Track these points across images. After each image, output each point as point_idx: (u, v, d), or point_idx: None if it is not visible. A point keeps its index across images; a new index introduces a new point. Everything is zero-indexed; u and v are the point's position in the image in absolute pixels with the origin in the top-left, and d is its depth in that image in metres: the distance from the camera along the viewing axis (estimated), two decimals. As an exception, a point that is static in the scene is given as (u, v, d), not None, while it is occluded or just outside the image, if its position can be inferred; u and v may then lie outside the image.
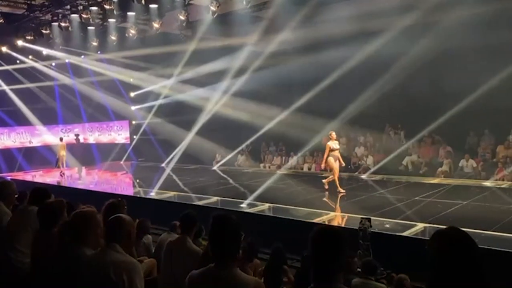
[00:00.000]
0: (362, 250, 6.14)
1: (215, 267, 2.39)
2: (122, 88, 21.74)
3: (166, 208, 10.51)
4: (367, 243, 6.16)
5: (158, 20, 14.72)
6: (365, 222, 6.42)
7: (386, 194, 11.22)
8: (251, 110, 16.67)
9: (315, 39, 14.73)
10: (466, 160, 13.12)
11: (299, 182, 13.55)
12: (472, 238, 1.81)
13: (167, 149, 19.71)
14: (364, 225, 6.21)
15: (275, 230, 8.22)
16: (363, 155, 15.46)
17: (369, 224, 6.46)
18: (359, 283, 4.47)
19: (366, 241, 6.20)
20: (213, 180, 14.88)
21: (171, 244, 4.30)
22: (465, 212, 8.73)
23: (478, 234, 6.92)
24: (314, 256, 2.01)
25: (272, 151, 18.23)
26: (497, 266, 5.48)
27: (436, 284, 1.71)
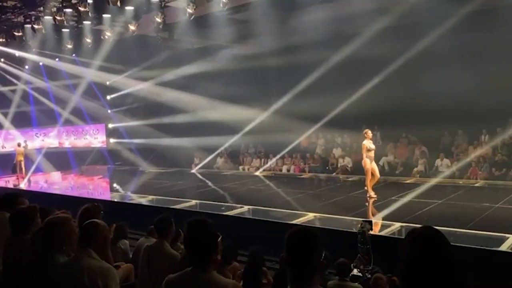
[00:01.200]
0: (361, 253, 6.09)
1: (192, 271, 2.37)
2: (98, 91, 21.42)
3: (144, 212, 10.38)
4: (367, 247, 6.10)
5: (134, 22, 14.57)
6: (365, 225, 6.33)
7: (364, 195, 11.34)
8: (230, 112, 16.66)
9: (293, 41, 14.83)
10: (441, 160, 13.40)
11: (278, 184, 13.60)
12: (445, 237, 1.83)
13: (144, 152, 19.51)
14: (363, 228, 6.17)
15: (255, 232, 8.21)
16: (341, 156, 15.61)
17: (369, 227, 6.35)
18: (334, 285, 4.50)
19: (366, 244, 6.13)
20: (192, 183, 14.79)
21: (149, 248, 4.26)
22: (440, 211, 8.90)
23: (453, 232, 7.07)
24: (289, 258, 2.01)
25: (251, 153, 18.24)
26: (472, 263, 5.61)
27: (411, 283, 1.73)
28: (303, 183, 14.36)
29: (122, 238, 6.00)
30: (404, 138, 15.00)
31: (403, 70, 13.65)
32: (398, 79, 14.06)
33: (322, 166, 15.90)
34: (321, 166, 15.91)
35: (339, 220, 8.51)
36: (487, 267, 5.88)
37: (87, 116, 22.03)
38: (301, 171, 16.07)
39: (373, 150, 10.40)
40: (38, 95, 21.90)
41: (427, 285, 1.70)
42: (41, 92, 21.82)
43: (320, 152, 16.48)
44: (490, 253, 6.24)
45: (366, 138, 10.51)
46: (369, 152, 10.30)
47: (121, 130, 21.25)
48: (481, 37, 12.44)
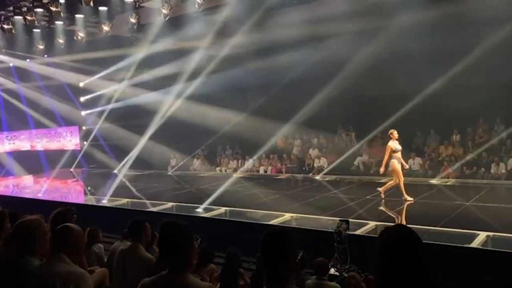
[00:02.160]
0: (338, 253, 6.13)
1: (168, 274, 2.35)
2: (71, 92, 21.00)
3: (119, 215, 10.20)
4: (344, 246, 6.15)
5: (107, 23, 14.36)
6: (342, 224, 6.38)
7: (339, 194, 11.50)
8: (206, 113, 16.59)
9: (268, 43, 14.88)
10: (413, 159, 13.66)
11: (256, 185, 13.61)
12: (417, 235, 1.86)
13: (119, 155, 19.21)
14: (339, 228, 6.22)
15: (232, 234, 8.20)
16: (317, 157, 15.76)
17: (346, 226, 6.40)
18: (312, 284, 4.54)
19: (343, 244, 6.18)
20: (168, 186, 14.67)
21: (123, 252, 4.20)
22: (413, 209, 9.08)
23: (426, 230, 7.23)
24: (264, 259, 2.02)
25: (228, 155, 18.21)
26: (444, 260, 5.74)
27: (384, 280, 1.76)
28: (280, 183, 14.43)
29: (95, 242, 5.90)
30: (378, 138, 15.23)
31: (377, 72, 13.87)
32: (372, 80, 14.28)
33: (298, 166, 16.02)
34: (298, 166, 16.03)
35: (316, 219, 8.59)
36: (459, 263, 6.02)
37: (60, 118, 21.56)
38: (278, 171, 16.14)
39: (399, 151, 9.76)
40: (9, 97, 21.32)
41: (400, 283, 1.73)
42: (12, 94, 21.25)
43: (296, 153, 16.59)
44: (461, 250, 6.40)
45: (391, 139, 9.84)
46: (395, 154, 9.69)
47: (96, 132, 20.88)
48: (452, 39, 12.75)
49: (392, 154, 9.67)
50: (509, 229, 7.06)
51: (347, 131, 16.17)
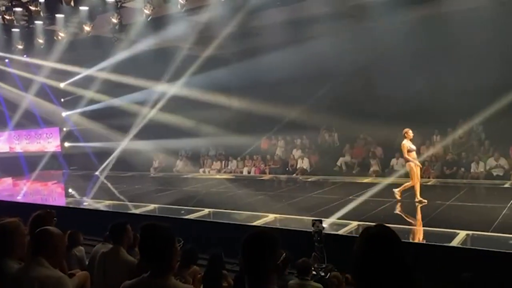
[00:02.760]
0: (317, 252, 6.19)
1: (149, 277, 2.33)
2: (52, 93, 20.67)
3: (101, 218, 10.10)
4: (321, 245, 6.21)
5: (89, 23, 14.17)
6: (318, 224, 6.45)
7: (322, 195, 11.57)
8: (189, 114, 16.53)
9: (252, 44, 14.92)
10: (396, 159, 13.83)
11: (239, 186, 13.60)
12: (397, 234, 1.88)
13: (101, 156, 19.00)
14: (318, 227, 6.27)
15: (216, 235, 8.18)
16: (300, 157, 15.82)
17: (321, 225, 6.48)
18: (295, 285, 4.56)
19: (321, 242, 6.25)
20: (151, 187, 14.55)
21: (104, 255, 4.15)
22: (395, 209, 9.19)
23: (408, 229, 7.33)
24: (245, 260, 2.02)
25: (212, 156, 18.16)
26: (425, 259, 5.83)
27: (363, 280, 1.78)
28: (263, 184, 14.46)
29: (76, 245, 5.81)
30: (360, 139, 15.38)
31: (360, 73, 14.03)
32: (355, 82, 14.43)
33: (282, 167, 16.06)
34: (281, 167, 16.07)
35: (299, 220, 8.62)
36: (439, 262, 6.12)
37: (40, 119, 21.20)
38: (261, 173, 16.16)
39: (414, 151, 9.49)
40: (-14, 98, 20.90)
41: (378, 283, 1.74)
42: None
43: (280, 154, 16.64)
44: (442, 249, 6.50)
45: (405, 138, 9.52)
46: (410, 153, 9.41)
47: (77, 134, 20.59)
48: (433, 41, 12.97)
49: (408, 153, 9.39)
50: (488, 228, 7.21)
51: (330, 132, 16.29)
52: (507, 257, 6.10)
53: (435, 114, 12.82)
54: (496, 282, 5.60)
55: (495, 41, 12.44)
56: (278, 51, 13.91)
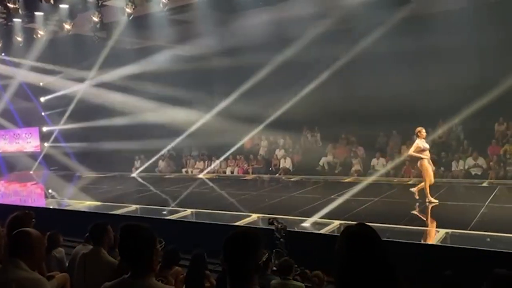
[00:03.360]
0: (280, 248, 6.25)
1: (129, 278, 2.30)
2: (31, 92, 20.28)
3: (82, 219, 9.96)
4: (282, 241, 6.31)
5: (69, 21, 13.97)
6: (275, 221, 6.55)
7: (305, 194, 11.63)
8: (171, 114, 16.42)
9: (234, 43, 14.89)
10: (377, 159, 14.00)
11: (222, 186, 13.58)
12: (377, 233, 1.90)
13: (82, 156, 18.74)
14: (279, 224, 6.34)
15: (198, 236, 8.15)
16: (283, 157, 15.88)
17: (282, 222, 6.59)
18: (277, 284, 4.57)
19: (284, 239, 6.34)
20: (132, 188, 14.41)
21: (84, 256, 4.09)
22: (376, 208, 9.29)
23: (389, 228, 7.41)
24: (226, 260, 2.02)
25: (194, 156, 18.08)
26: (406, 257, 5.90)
27: (344, 278, 1.79)
28: (246, 184, 14.46)
29: (55, 246, 5.72)
30: (342, 139, 15.51)
31: (342, 73, 14.13)
32: (337, 82, 14.53)
33: (265, 167, 16.09)
34: (265, 167, 16.10)
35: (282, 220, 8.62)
36: (420, 260, 6.21)
37: (18, 119, 20.78)
38: (244, 172, 16.16)
39: (427, 150, 9.25)
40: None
41: (359, 281, 1.76)
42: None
43: (263, 154, 16.66)
44: (422, 247, 6.60)
45: (418, 137, 9.25)
46: (423, 153, 9.16)
47: (57, 134, 20.26)
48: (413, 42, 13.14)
49: (421, 153, 9.15)
50: (467, 226, 7.34)
51: (312, 132, 16.39)
52: (485, 254, 6.23)
53: (416, 114, 12.98)
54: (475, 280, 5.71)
55: (473, 43, 12.69)
56: (261, 50, 13.93)
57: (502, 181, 11.65)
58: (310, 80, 14.22)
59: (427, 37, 13.00)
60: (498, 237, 6.89)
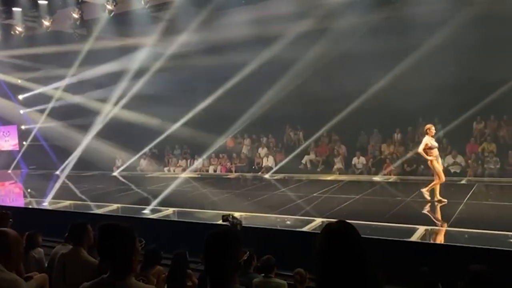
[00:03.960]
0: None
1: (109, 278, 2.27)
2: (9, 90, 19.86)
3: (62, 218, 9.81)
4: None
5: (48, 17, 13.74)
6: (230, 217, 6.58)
7: (288, 192, 11.68)
8: (153, 112, 16.28)
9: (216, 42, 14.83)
10: (357, 158, 14.14)
11: (205, 185, 13.53)
12: (356, 230, 1.91)
13: (61, 155, 18.43)
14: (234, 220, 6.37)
15: (180, 235, 8.11)
16: (266, 156, 15.91)
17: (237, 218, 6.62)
18: (259, 282, 4.58)
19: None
20: (114, 187, 14.25)
21: (63, 256, 4.03)
22: (357, 205, 9.39)
23: (369, 225, 7.50)
24: (207, 258, 2.02)
25: (177, 154, 17.97)
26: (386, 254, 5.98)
27: (324, 274, 1.80)
28: (229, 183, 14.44)
29: (34, 247, 5.63)
30: (324, 137, 15.62)
31: (324, 72, 14.22)
32: (319, 81, 14.61)
33: (248, 165, 16.10)
34: (247, 165, 16.11)
35: (265, 218, 8.68)
36: (399, 257, 6.29)
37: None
38: (227, 171, 16.14)
39: (435, 148, 9.05)
40: None
41: (339, 278, 1.77)
42: None
43: (246, 152, 16.66)
44: (402, 244, 6.69)
45: (427, 135, 9.02)
46: (431, 151, 8.98)
47: (35, 132, 19.89)
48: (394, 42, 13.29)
49: (428, 150, 8.98)
50: (446, 223, 7.48)
51: (295, 130, 16.46)
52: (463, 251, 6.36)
53: (396, 113, 13.17)
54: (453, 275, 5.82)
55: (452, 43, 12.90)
56: (243, 49, 13.91)
57: (480, 178, 11.90)
58: (292, 78, 14.27)
59: (408, 37, 13.17)
60: (476, 233, 7.04)
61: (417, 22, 12.68)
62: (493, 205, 9.13)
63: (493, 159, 12.40)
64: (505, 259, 5.81)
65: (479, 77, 11.81)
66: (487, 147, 12.99)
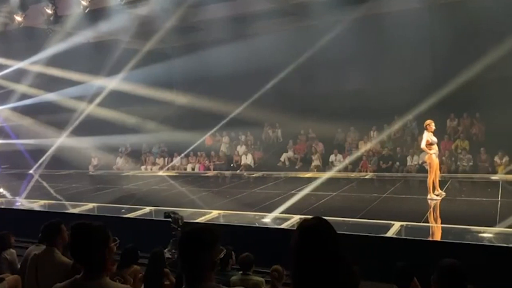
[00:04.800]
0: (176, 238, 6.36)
1: (82, 279, 2.23)
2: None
3: (35, 218, 9.60)
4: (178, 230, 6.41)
5: (20, 13, 13.39)
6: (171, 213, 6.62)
7: (266, 190, 11.71)
8: (130, 110, 16.08)
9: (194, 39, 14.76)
10: (335, 155, 14.27)
11: (183, 183, 13.45)
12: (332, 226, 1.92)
13: (35, 154, 18.02)
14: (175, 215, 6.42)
15: (158, 234, 8.03)
16: (244, 153, 15.91)
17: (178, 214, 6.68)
18: (237, 280, 4.58)
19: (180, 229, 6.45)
20: (89, 186, 14.02)
21: (37, 257, 3.93)
22: (335, 202, 9.49)
23: (346, 222, 7.59)
24: (182, 256, 2.00)
25: (154, 153, 17.78)
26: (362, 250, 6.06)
27: (299, 271, 1.81)
28: (208, 181, 14.38)
29: (6, 248, 5.50)
30: (302, 135, 15.72)
31: (301, 71, 14.31)
32: (297, 79, 14.71)
33: (227, 163, 16.07)
34: (226, 163, 16.07)
35: (243, 215, 8.68)
36: (376, 252, 6.39)
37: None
38: (206, 169, 16.07)
39: (435, 144, 9.00)
40: None
41: (314, 274, 1.78)
42: None
43: (224, 150, 16.62)
44: (378, 239, 6.79)
45: (427, 131, 8.95)
46: (431, 146, 8.89)
47: (8, 130, 19.37)
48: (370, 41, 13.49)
49: (429, 146, 8.91)
50: (420, 219, 7.62)
51: (273, 128, 16.50)
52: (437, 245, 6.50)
53: (372, 111, 13.34)
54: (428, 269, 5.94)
55: (427, 42, 13.17)
56: (221, 46, 13.88)
57: (453, 175, 12.16)
58: (271, 76, 14.31)
59: (384, 36, 13.39)
60: (449, 228, 7.21)
61: (392, 21, 12.88)
62: (465, 201, 9.36)
63: (466, 156, 12.70)
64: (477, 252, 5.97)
65: (452, 76, 12.07)
66: (460, 144, 13.29)
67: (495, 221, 7.17)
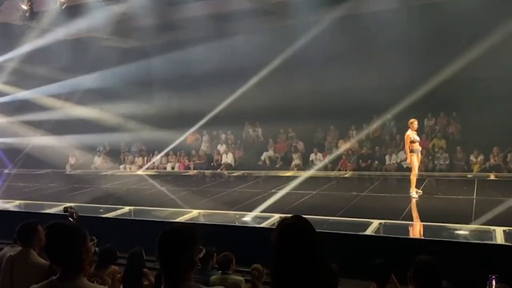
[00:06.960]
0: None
1: (58, 280, 2.18)
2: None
3: (10, 219, 9.37)
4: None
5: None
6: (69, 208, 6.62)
7: (246, 189, 11.72)
8: (108, 108, 15.86)
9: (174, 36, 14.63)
10: (315, 154, 14.37)
11: (162, 182, 13.34)
12: (311, 224, 1.93)
13: (10, 153, 17.60)
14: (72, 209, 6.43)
15: (137, 233, 7.95)
16: (225, 152, 15.87)
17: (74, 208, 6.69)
18: (216, 279, 4.57)
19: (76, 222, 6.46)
20: (67, 185, 13.77)
21: (12, 258, 3.84)
22: (314, 201, 9.55)
23: (326, 220, 7.65)
24: (160, 256, 1.99)
25: (133, 152, 17.58)
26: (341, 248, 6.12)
27: (278, 269, 1.81)
28: (188, 180, 14.29)
29: (-20, 249, 5.35)
30: (282, 134, 15.78)
31: (281, 70, 14.35)
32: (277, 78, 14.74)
33: (207, 162, 16.00)
34: (206, 162, 16.01)
35: (223, 214, 8.67)
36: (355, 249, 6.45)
37: None
38: (186, 168, 15.97)
39: (417, 142, 9.11)
40: None
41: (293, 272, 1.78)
42: None
43: (205, 149, 16.55)
44: (357, 237, 6.86)
45: (410, 129, 9.10)
46: (413, 144, 9.03)
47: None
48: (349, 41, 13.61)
49: (411, 144, 9.04)
50: (398, 216, 7.74)
51: (254, 127, 16.51)
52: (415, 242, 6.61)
53: (352, 110, 13.48)
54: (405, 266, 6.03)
55: (404, 42, 13.36)
56: (201, 45, 13.81)
57: (431, 173, 12.39)
58: (251, 75, 14.31)
59: (363, 35, 13.53)
60: (426, 226, 7.34)
61: (371, 21, 13.03)
62: (442, 199, 9.54)
63: (443, 155, 12.94)
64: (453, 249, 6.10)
65: (430, 75, 12.29)
66: (437, 143, 13.54)
67: (470, 218, 7.33)
